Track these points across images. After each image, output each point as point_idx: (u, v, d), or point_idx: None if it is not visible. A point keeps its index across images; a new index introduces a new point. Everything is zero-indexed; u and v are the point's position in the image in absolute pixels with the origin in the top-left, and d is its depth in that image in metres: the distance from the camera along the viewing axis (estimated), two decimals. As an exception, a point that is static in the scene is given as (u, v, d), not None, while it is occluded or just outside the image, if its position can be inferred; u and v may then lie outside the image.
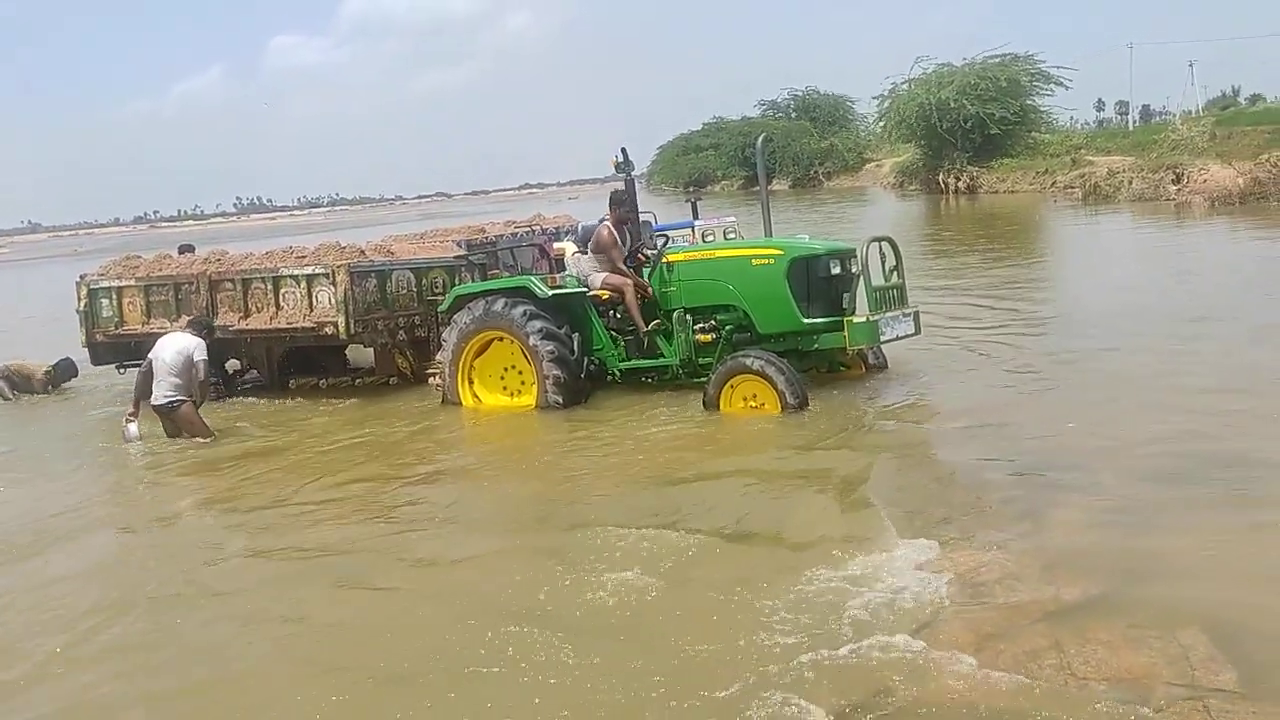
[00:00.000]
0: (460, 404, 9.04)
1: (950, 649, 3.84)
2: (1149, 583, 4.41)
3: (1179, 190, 24.68)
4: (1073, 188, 31.11)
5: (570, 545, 5.44)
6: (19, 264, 59.57)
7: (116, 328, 11.21)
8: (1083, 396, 7.62)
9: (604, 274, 8.90)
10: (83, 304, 11.40)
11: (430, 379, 9.66)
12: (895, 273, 8.17)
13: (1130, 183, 27.05)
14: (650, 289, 8.73)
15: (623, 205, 9.05)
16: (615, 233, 8.93)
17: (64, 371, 12.04)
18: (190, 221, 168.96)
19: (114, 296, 11.24)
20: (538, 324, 8.52)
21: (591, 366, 8.79)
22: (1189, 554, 4.70)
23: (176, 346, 8.86)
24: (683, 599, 4.58)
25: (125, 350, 11.28)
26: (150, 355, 8.96)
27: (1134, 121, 62.33)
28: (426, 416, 9.09)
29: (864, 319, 7.75)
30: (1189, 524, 5.04)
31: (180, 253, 12.19)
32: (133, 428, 8.88)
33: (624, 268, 8.84)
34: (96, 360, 11.70)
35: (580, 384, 8.63)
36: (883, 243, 8.20)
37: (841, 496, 5.91)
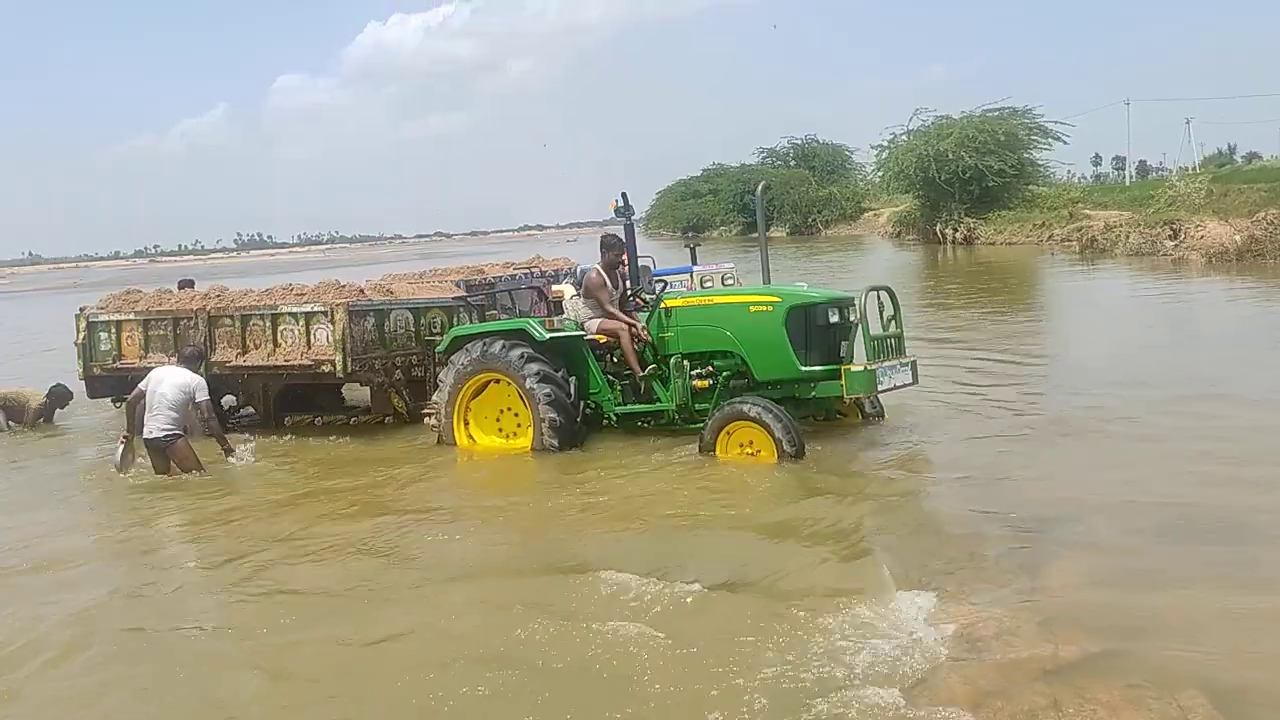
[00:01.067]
0: (455, 445, 9.00)
1: (947, 705, 3.79)
2: (1148, 642, 4.36)
3: (1176, 246, 24.80)
4: (1070, 241, 31.30)
5: (559, 591, 5.38)
6: (18, 295, 59.57)
7: (114, 361, 11.20)
8: (1081, 453, 7.60)
9: (601, 318, 8.91)
10: (81, 337, 11.40)
11: (426, 419, 9.63)
12: (893, 322, 8.18)
13: (1127, 237, 27.20)
14: (642, 329, 8.71)
15: (613, 249, 9.08)
16: (605, 276, 8.96)
17: (59, 398, 11.98)
18: (190, 256, 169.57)
19: (112, 330, 11.24)
20: (534, 367, 8.51)
21: (588, 410, 8.77)
22: (1188, 613, 4.65)
23: (177, 383, 8.81)
24: (669, 648, 4.51)
25: (121, 384, 11.23)
26: (142, 386, 8.92)
27: (1131, 177, 62.95)
28: (421, 457, 9.04)
29: (861, 368, 7.75)
30: (1188, 583, 5.00)
31: (180, 288, 12.21)
32: (125, 455, 8.83)
33: (612, 310, 8.85)
34: (93, 394, 11.68)
35: (576, 428, 8.60)
36: (881, 292, 8.22)
37: (837, 547, 5.86)
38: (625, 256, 9.54)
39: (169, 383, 8.81)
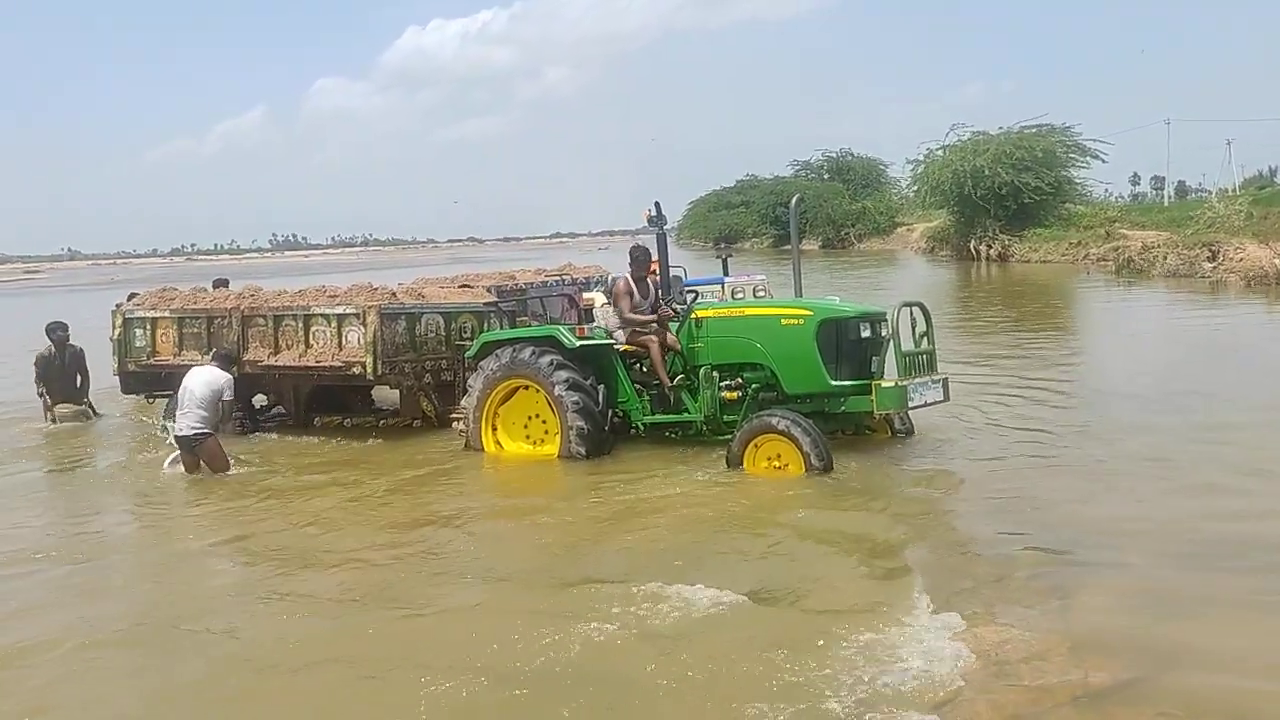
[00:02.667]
0: (483, 450, 9.00)
1: (972, 730, 3.73)
2: (1180, 670, 4.28)
3: (1214, 268, 24.46)
4: (1106, 260, 30.95)
5: (580, 600, 5.36)
6: (54, 290, 60.44)
7: (148, 358, 11.32)
8: (1111, 475, 7.49)
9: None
10: (117, 332, 11.54)
11: (454, 423, 9.66)
12: (926, 339, 8.12)
13: (1165, 258, 26.84)
14: (671, 338, 8.69)
15: (639, 262, 9.07)
16: (631, 285, 8.96)
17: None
18: (226, 256, 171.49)
19: (148, 327, 11.37)
20: (564, 374, 8.50)
21: (616, 419, 8.75)
22: (1219, 641, 4.58)
23: (206, 380, 8.92)
24: (688, 662, 4.49)
25: (155, 380, 11.39)
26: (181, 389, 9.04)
27: (1169, 197, 62.14)
28: (448, 461, 9.07)
29: (892, 384, 7.69)
30: (1221, 610, 4.92)
31: (214, 287, 12.33)
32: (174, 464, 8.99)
33: (632, 317, 8.83)
34: (127, 389, 11.83)
35: (604, 436, 8.58)
36: (914, 308, 8.16)
37: (864, 563, 5.81)
38: (656, 266, 9.54)
39: (199, 380, 8.92)
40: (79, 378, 12.08)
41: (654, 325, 8.81)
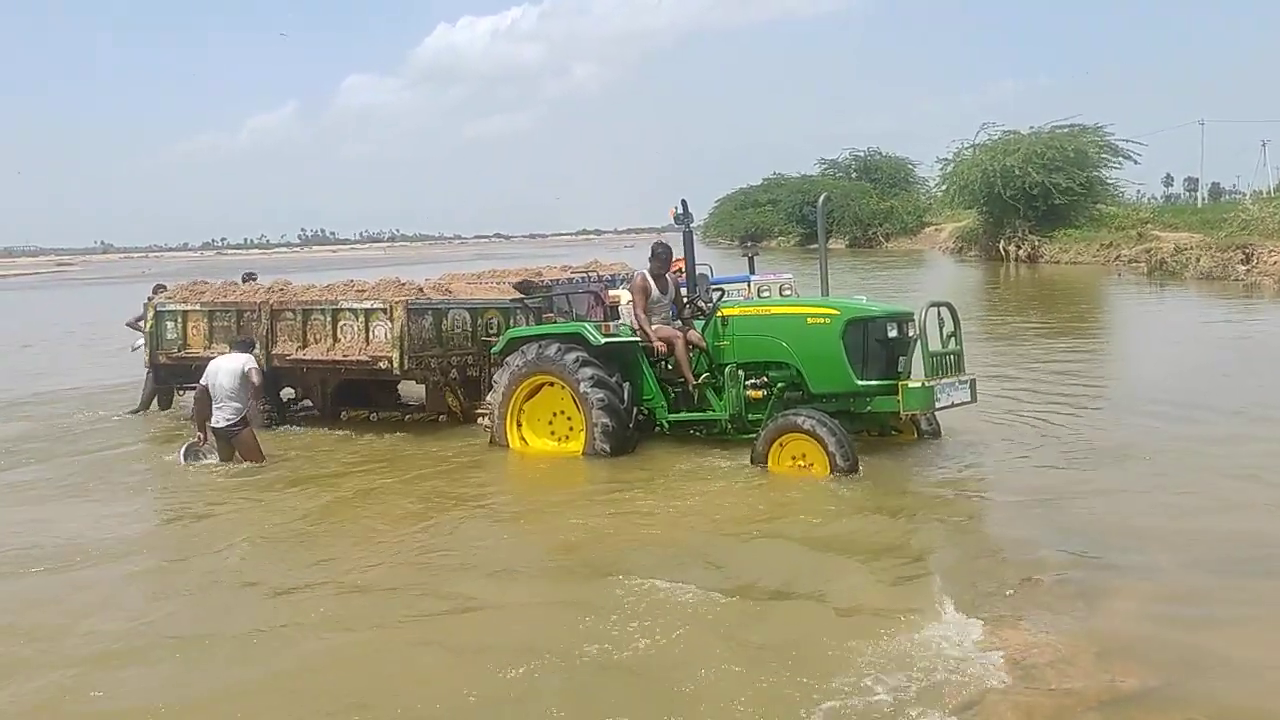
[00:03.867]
0: (508, 446, 9.03)
1: (997, 734, 3.70)
2: (1208, 678, 4.24)
3: (1248, 270, 24.17)
4: (1138, 262, 30.64)
5: (601, 596, 5.37)
6: (88, 283, 61.20)
7: (179, 350, 11.44)
8: (1140, 479, 7.43)
9: (656, 324, 8.90)
10: (149, 325, 11.66)
11: (479, 419, 9.69)
12: (953, 339, 8.06)
13: (1198, 260, 26.54)
14: (695, 335, 8.68)
15: (660, 258, 9.05)
16: (650, 282, 8.94)
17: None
18: (256, 250, 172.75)
19: (179, 320, 11.49)
20: (589, 371, 8.51)
21: (640, 416, 8.75)
22: (1250, 649, 4.52)
23: (230, 368, 8.99)
24: (713, 659, 4.48)
25: (186, 372, 11.48)
26: (204, 381, 9.09)
27: (1203, 199, 61.33)
28: (473, 456, 9.10)
29: (920, 384, 7.64)
30: (1250, 618, 4.87)
31: (244, 280, 12.43)
32: (207, 455, 9.07)
33: (641, 315, 8.82)
34: (158, 380, 11.93)
35: (629, 433, 8.58)
36: (941, 308, 8.09)
37: (889, 565, 5.77)
38: (682, 264, 9.52)
39: (225, 370, 8.99)
40: None
41: (656, 335, 8.77)
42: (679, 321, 9.03)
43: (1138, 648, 4.51)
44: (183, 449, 9.17)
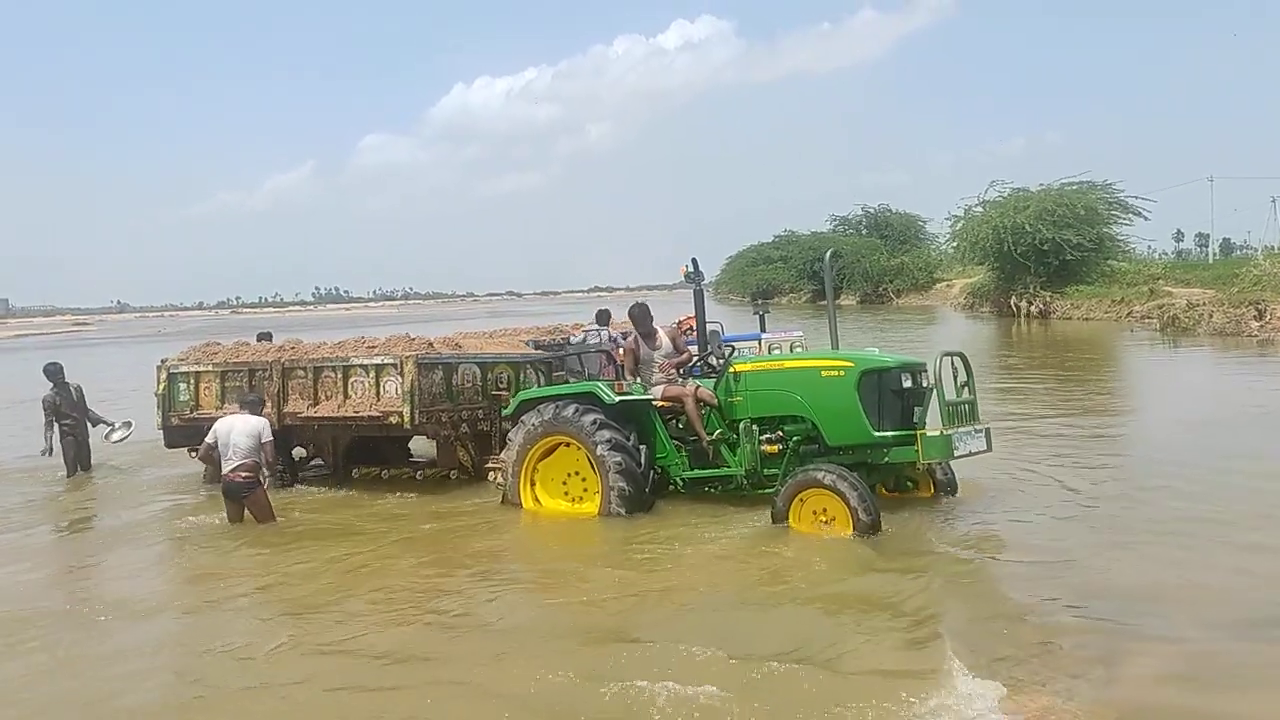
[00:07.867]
0: (521, 506, 8.96)
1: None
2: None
3: (1261, 326, 24.09)
4: (1150, 318, 30.58)
5: (619, 660, 5.27)
6: (103, 343, 61.54)
7: (191, 411, 11.43)
8: (1159, 539, 7.31)
9: (664, 384, 8.91)
10: (161, 387, 11.66)
11: (490, 474, 9.63)
12: (966, 388, 8.02)
13: (1210, 316, 26.48)
14: (705, 392, 8.68)
15: (639, 318, 9.26)
16: (637, 344, 9.17)
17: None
18: (270, 309, 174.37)
19: (191, 381, 11.50)
20: (606, 434, 8.46)
21: (654, 474, 8.69)
22: (1270, 712, 4.43)
23: (244, 430, 8.96)
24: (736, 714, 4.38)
25: (197, 434, 11.42)
26: (212, 440, 9.06)
27: (1214, 254, 61.44)
28: (486, 516, 9.03)
29: (938, 433, 7.58)
30: (1269, 680, 4.76)
31: (259, 340, 12.48)
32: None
33: (629, 373, 9.11)
34: (170, 443, 11.81)
35: (645, 496, 8.51)
36: (954, 357, 8.07)
37: (905, 626, 5.67)
38: (692, 322, 9.55)
39: (239, 430, 8.95)
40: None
41: (665, 394, 8.87)
42: (692, 381, 9.03)
43: (1158, 714, 4.42)
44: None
